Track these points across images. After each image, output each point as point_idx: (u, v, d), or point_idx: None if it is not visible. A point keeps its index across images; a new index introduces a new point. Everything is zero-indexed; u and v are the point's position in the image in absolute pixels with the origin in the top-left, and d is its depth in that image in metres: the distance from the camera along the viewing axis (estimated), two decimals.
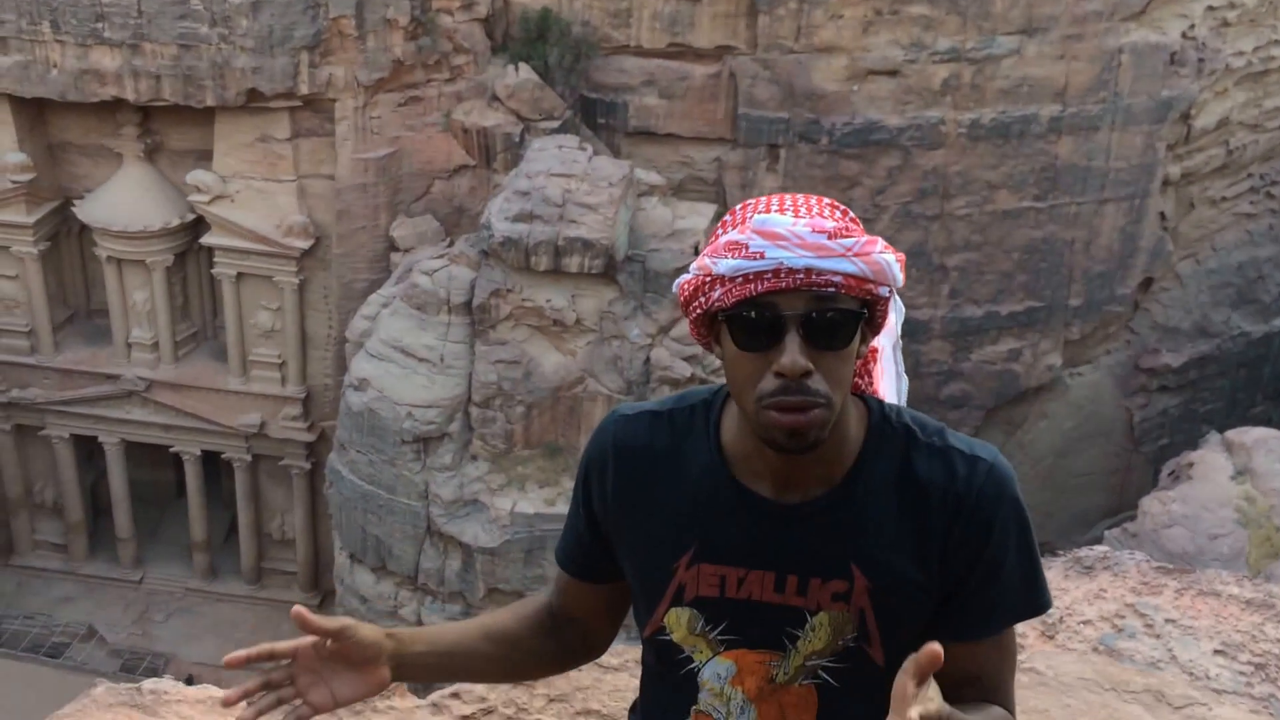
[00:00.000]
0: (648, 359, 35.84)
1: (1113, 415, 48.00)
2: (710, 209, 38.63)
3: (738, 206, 3.26)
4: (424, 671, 3.54)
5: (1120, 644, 6.65)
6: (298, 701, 3.30)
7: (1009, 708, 3.36)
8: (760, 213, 3.16)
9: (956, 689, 3.17)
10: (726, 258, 3.14)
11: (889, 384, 3.69)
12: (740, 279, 3.11)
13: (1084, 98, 42.07)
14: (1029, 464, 45.73)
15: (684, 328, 35.96)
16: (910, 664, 2.83)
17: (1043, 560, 3.42)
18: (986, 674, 3.33)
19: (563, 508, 35.23)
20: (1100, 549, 8.82)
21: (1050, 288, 44.68)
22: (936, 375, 44.31)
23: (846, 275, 3.09)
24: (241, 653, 3.19)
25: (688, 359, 35.42)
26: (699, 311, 3.24)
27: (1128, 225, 44.84)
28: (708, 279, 3.19)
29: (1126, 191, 44.12)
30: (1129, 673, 6.30)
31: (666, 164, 41.80)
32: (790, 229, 3.10)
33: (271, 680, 3.29)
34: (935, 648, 2.80)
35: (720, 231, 3.23)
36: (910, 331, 43.20)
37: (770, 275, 3.09)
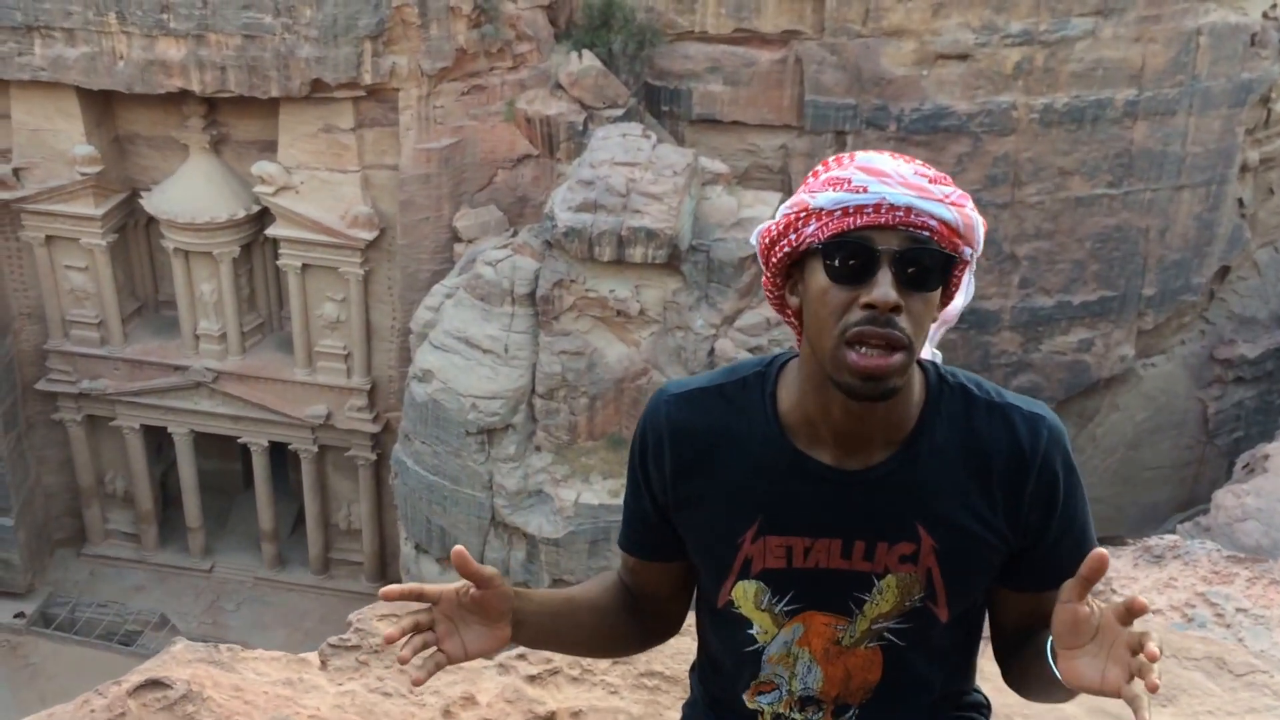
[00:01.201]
0: (712, 350, 35.54)
1: (1186, 407, 47.09)
2: (776, 198, 38.17)
3: (830, 158, 3.31)
4: (533, 632, 3.51)
5: (1190, 634, 6.35)
6: (434, 649, 3.32)
7: None
8: (861, 155, 3.24)
9: (1032, 627, 3.32)
10: (827, 192, 3.18)
11: (927, 353, 3.65)
12: (839, 212, 3.15)
13: (1160, 81, 41.18)
14: (1099, 456, 44.99)
15: (749, 318, 35.61)
16: (1077, 586, 2.99)
17: (1111, 549, 3.45)
18: None
19: None
20: (1170, 538, 8.49)
21: (1124, 277, 43.84)
22: (1006, 366, 43.64)
23: (941, 221, 3.15)
24: (396, 587, 3.23)
25: (752, 350, 35.06)
26: (785, 251, 3.24)
27: (1204, 212, 43.93)
28: (802, 214, 3.20)
29: (1203, 177, 43.19)
30: (1190, 640, 6.09)
31: (731, 152, 41.39)
32: (894, 168, 3.18)
33: (420, 623, 3.29)
34: (1102, 553, 2.96)
35: (811, 178, 3.27)
36: (980, 322, 42.59)
37: (871, 210, 3.13)
